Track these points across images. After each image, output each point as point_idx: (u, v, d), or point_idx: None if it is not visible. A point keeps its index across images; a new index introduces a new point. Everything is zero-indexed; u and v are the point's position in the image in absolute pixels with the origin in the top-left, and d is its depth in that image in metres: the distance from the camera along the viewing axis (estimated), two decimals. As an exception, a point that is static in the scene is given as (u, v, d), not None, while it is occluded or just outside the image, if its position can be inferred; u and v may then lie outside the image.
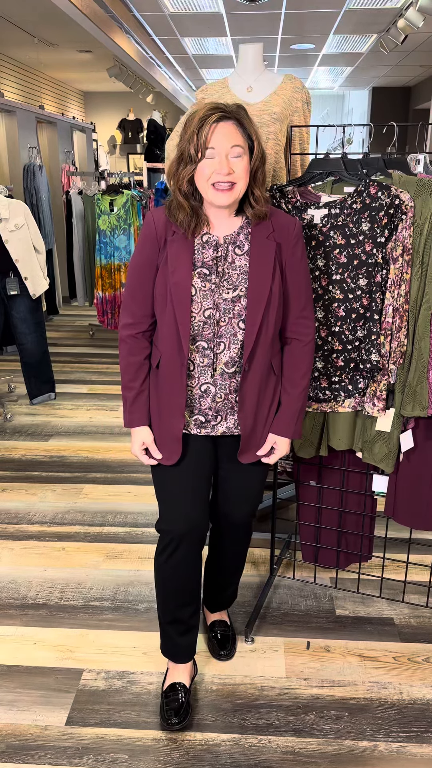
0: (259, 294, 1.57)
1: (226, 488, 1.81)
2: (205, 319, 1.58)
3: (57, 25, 5.78)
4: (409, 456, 2.05)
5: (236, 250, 1.59)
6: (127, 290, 1.67)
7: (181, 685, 1.85)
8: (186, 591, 1.80)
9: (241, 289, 1.58)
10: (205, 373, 1.62)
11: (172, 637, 1.86)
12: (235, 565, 2.00)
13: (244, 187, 1.53)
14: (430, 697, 1.91)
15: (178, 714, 1.79)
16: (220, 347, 1.60)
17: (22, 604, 2.30)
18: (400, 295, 1.86)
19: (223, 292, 1.58)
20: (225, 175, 1.48)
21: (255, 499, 1.84)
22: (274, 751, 1.73)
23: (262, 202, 1.57)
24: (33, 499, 3.05)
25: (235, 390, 1.64)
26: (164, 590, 1.80)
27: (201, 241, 1.59)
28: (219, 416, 1.66)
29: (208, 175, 1.49)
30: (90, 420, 4.01)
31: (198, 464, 1.71)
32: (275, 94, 2.26)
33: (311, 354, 1.71)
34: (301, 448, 2.15)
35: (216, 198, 1.52)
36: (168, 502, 1.73)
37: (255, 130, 1.53)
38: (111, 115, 10.94)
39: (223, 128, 1.48)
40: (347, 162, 1.90)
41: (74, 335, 6.15)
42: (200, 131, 1.47)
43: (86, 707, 1.87)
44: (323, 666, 2.03)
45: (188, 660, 1.89)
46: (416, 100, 9.99)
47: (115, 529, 2.78)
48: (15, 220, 3.78)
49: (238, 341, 1.59)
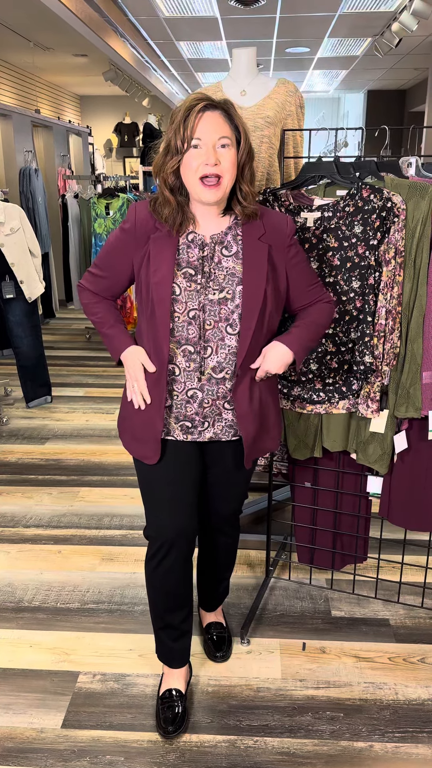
0: (253, 300, 1.52)
1: (215, 491, 1.80)
2: (189, 320, 1.53)
3: (52, 29, 5.80)
4: (403, 457, 2.06)
5: (223, 251, 1.54)
6: (94, 264, 1.66)
7: (177, 692, 1.85)
8: (177, 596, 1.78)
9: (228, 291, 1.53)
10: (191, 378, 1.57)
11: (165, 642, 1.85)
12: (228, 560, 2.01)
13: (231, 182, 1.48)
14: (425, 697, 1.92)
15: (174, 723, 1.78)
16: (207, 351, 1.55)
17: (18, 607, 2.30)
18: (393, 297, 1.87)
19: (209, 293, 1.53)
20: (212, 165, 1.43)
21: (242, 496, 1.87)
22: (269, 752, 1.74)
23: (251, 198, 1.52)
24: (29, 502, 3.05)
25: (223, 396, 1.59)
26: (155, 596, 1.79)
27: (186, 240, 1.54)
28: (206, 422, 1.62)
29: (195, 167, 1.44)
30: (86, 423, 4.01)
31: (184, 471, 1.67)
32: (269, 97, 2.28)
33: (330, 311, 1.68)
34: (295, 450, 2.16)
35: (203, 194, 1.46)
36: (155, 510, 1.70)
37: (243, 123, 1.48)
38: (107, 118, 10.96)
39: (209, 118, 1.43)
40: (340, 165, 1.91)
41: (70, 338, 6.16)
42: (186, 121, 1.43)
43: (82, 710, 1.87)
44: (319, 667, 2.03)
45: (182, 665, 1.88)
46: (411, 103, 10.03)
47: (111, 532, 2.79)
48: (11, 224, 3.79)
49: (226, 346, 1.55)
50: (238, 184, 1.51)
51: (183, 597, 1.80)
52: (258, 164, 2.28)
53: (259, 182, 2.30)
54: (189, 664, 1.94)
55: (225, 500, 1.83)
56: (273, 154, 2.30)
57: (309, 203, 1.91)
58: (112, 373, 5.04)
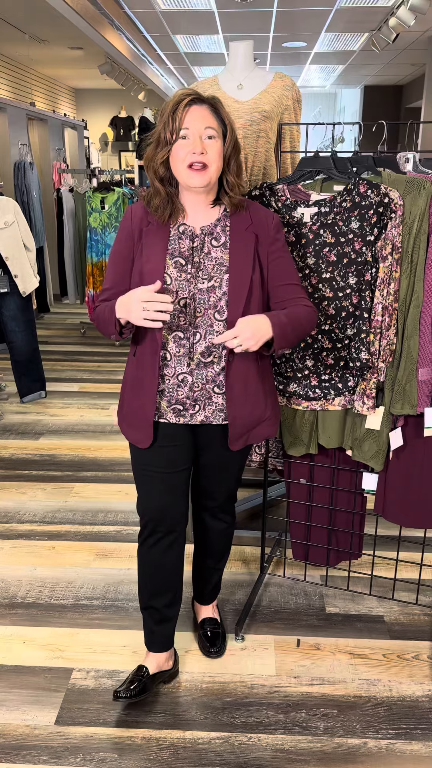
0: (239, 287, 1.59)
1: (207, 473, 1.85)
2: (180, 308, 1.60)
3: (48, 21, 5.76)
4: (398, 454, 2.06)
5: (212, 242, 1.61)
6: (105, 278, 1.70)
7: (144, 669, 1.87)
8: (163, 578, 1.82)
9: (216, 280, 1.59)
10: (181, 363, 1.63)
11: (147, 623, 1.89)
12: (222, 547, 2.02)
13: (217, 171, 1.55)
14: (419, 694, 1.92)
15: (126, 690, 1.79)
16: (195, 337, 1.61)
17: (11, 603, 2.29)
18: (390, 294, 1.86)
19: (199, 283, 1.59)
20: (198, 154, 1.50)
21: (236, 482, 1.89)
22: (263, 749, 1.73)
23: (237, 190, 1.60)
24: (23, 497, 3.04)
25: (212, 380, 1.65)
26: (142, 575, 1.86)
27: (177, 231, 1.61)
28: (197, 405, 1.67)
29: (182, 156, 1.52)
30: (81, 418, 4.00)
31: (176, 455, 1.73)
32: (266, 92, 2.26)
33: (312, 314, 1.64)
34: (291, 446, 2.16)
35: (190, 178, 1.53)
36: (146, 491, 1.77)
37: (229, 118, 1.56)
38: (103, 112, 10.90)
39: (196, 110, 1.52)
40: (337, 160, 1.90)
41: (65, 333, 6.13)
42: (174, 113, 1.51)
43: (76, 706, 1.86)
44: (313, 664, 2.03)
45: (160, 650, 1.90)
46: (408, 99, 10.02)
47: (105, 528, 2.78)
48: (5, 218, 3.77)
49: (215, 332, 1.61)
50: (224, 176, 1.59)
51: (169, 580, 1.84)
52: (255, 159, 2.27)
53: (255, 177, 2.29)
54: (175, 657, 1.96)
55: (217, 483, 1.86)
56: (270, 149, 2.29)
57: (306, 198, 1.90)
58: (106, 368, 5.02)
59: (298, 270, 1.92)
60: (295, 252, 1.92)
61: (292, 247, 1.92)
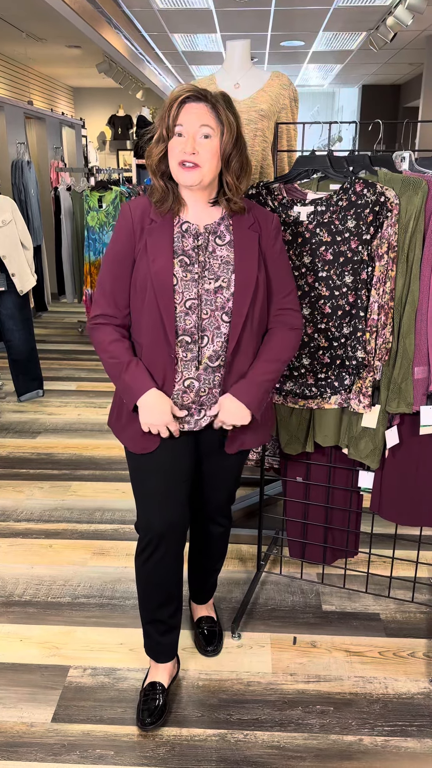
0: (245, 285, 1.55)
1: (210, 481, 1.82)
2: (186, 310, 1.54)
3: (45, 20, 5.75)
4: (394, 452, 2.06)
5: (217, 240, 1.57)
6: (100, 284, 1.61)
7: (159, 686, 1.85)
8: (166, 591, 1.78)
9: (224, 279, 1.55)
10: (188, 368, 1.58)
11: (152, 636, 1.85)
12: (219, 550, 2.01)
13: (210, 171, 1.50)
14: (414, 691, 1.93)
15: (152, 714, 1.79)
16: (203, 341, 1.56)
17: (8, 602, 2.29)
18: (386, 292, 1.87)
19: (205, 283, 1.55)
20: (189, 153, 1.47)
21: (235, 484, 1.89)
22: (259, 746, 1.74)
23: (235, 191, 1.54)
24: (20, 496, 3.04)
25: (219, 384, 1.61)
26: (144, 591, 1.79)
27: (181, 229, 1.56)
28: (203, 410, 1.64)
29: (176, 154, 1.50)
30: (78, 417, 4.00)
31: (177, 463, 1.68)
32: (262, 90, 2.26)
33: (296, 341, 1.66)
34: (287, 445, 2.16)
35: (181, 176, 1.50)
36: (145, 504, 1.70)
37: (228, 116, 1.49)
38: (100, 111, 10.89)
39: (193, 108, 1.48)
40: (333, 159, 1.91)
41: (63, 332, 6.13)
42: (171, 110, 1.49)
43: (72, 704, 1.87)
44: (309, 661, 2.04)
45: (169, 659, 1.89)
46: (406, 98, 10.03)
47: (102, 527, 2.78)
48: (2, 216, 3.76)
49: (221, 334, 1.57)
50: (223, 176, 1.54)
51: (172, 592, 1.80)
52: (251, 157, 2.27)
53: (252, 176, 2.29)
54: (177, 658, 1.95)
55: (219, 489, 1.84)
56: (266, 148, 2.29)
57: (302, 197, 1.91)
58: (104, 367, 5.01)
59: (295, 269, 1.93)
60: (291, 251, 1.93)
61: (289, 245, 1.92)
